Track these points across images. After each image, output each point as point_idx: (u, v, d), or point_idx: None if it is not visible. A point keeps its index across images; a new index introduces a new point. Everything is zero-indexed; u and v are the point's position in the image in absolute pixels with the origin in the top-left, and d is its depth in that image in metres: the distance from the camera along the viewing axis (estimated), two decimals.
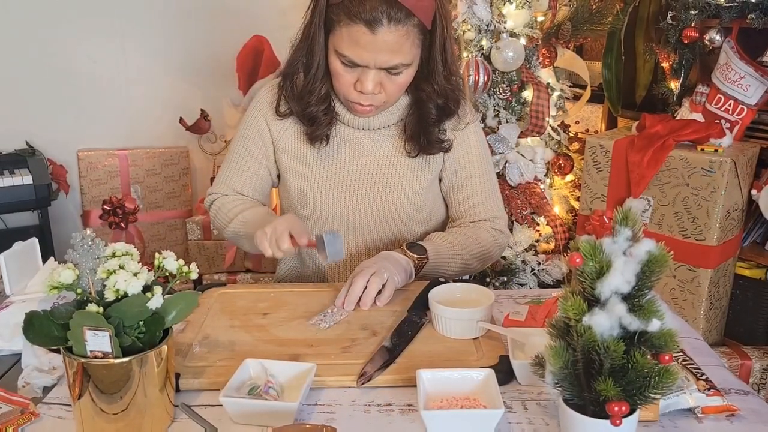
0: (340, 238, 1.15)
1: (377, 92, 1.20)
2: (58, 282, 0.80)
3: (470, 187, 1.37)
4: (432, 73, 1.24)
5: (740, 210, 2.12)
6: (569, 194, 2.66)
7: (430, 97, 1.26)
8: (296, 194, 1.35)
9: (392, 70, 1.17)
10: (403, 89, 1.24)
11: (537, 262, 2.49)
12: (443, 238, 1.32)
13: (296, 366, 0.93)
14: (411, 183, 1.33)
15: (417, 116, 1.29)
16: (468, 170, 1.36)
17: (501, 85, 2.42)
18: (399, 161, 1.33)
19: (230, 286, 1.31)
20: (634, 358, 0.72)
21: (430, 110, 1.27)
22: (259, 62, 2.97)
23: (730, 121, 2.21)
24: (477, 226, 1.36)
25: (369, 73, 1.17)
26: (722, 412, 0.88)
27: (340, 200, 1.33)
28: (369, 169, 1.33)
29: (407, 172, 1.33)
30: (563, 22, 2.46)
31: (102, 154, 2.97)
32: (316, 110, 1.27)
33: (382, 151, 1.33)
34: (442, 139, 1.31)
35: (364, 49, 1.13)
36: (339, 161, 1.33)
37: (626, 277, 0.72)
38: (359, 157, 1.33)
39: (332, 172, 1.33)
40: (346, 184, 1.33)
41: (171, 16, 2.99)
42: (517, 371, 0.95)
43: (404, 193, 1.33)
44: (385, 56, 1.14)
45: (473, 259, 1.33)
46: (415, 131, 1.30)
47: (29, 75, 2.87)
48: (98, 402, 0.81)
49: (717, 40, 2.24)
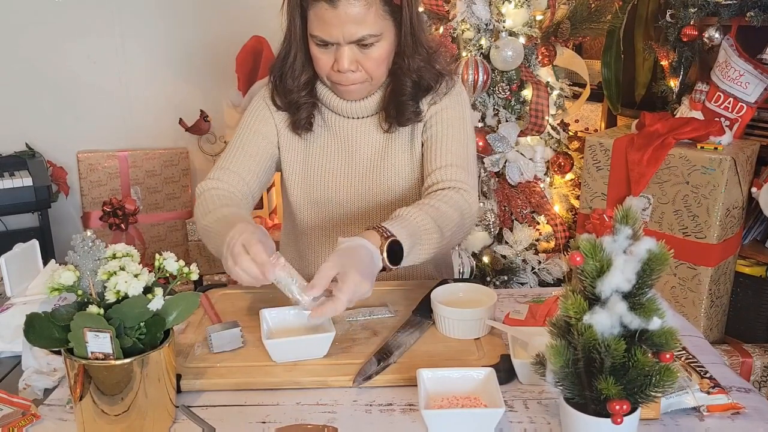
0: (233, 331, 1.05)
1: (354, 69, 1.22)
2: (58, 284, 0.80)
3: (437, 152, 1.30)
4: (404, 48, 1.26)
5: (740, 208, 2.11)
6: (569, 193, 2.66)
7: (404, 72, 1.28)
8: (294, 185, 1.37)
9: (362, 42, 1.19)
10: (382, 65, 1.25)
11: (537, 261, 2.49)
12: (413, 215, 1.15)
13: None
14: (403, 166, 1.34)
15: (390, 89, 1.31)
16: (437, 138, 1.31)
17: (500, 84, 2.42)
18: (391, 146, 1.34)
19: (231, 287, 1.31)
20: (635, 357, 0.72)
21: (404, 84, 1.28)
22: (258, 63, 2.97)
23: (730, 119, 2.21)
24: (439, 195, 1.23)
25: (342, 50, 1.19)
26: (727, 410, 0.88)
27: (337, 189, 1.35)
28: (363, 157, 1.34)
29: (399, 156, 1.34)
30: (562, 21, 2.46)
31: (102, 156, 2.97)
32: (298, 97, 1.30)
33: (371, 139, 1.35)
34: (416, 111, 1.31)
35: (331, 25, 1.16)
36: (333, 151, 1.35)
37: (627, 276, 0.72)
38: (353, 146, 1.35)
39: (327, 161, 1.35)
40: (341, 174, 1.35)
41: (171, 17, 2.99)
42: (518, 370, 0.95)
43: (398, 177, 1.34)
44: (351, 29, 1.17)
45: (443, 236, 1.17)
46: (387, 104, 1.31)
47: (29, 77, 2.87)
48: (99, 403, 0.81)
49: (716, 38, 2.24)
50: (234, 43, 2.94)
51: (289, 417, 0.89)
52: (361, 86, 1.26)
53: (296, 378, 0.96)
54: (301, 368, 0.98)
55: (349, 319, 1.13)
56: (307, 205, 1.37)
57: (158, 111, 3.07)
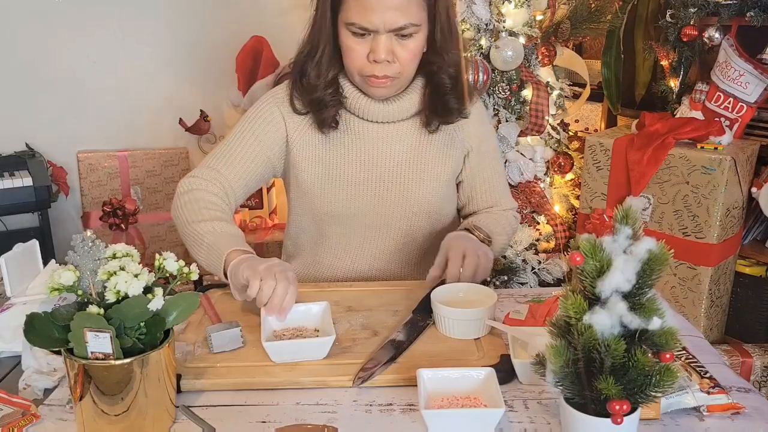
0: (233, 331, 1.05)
1: (390, 60, 1.20)
2: (58, 284, 0.80)
3: (491, 181, 1.43)
4: (442, 42, 1.25)
5: (740, 208, 2.11)
6: (569, 193, 2.66)
7: (442, 67, 1.27)
8: (314, 195, 1.33)
9: (402, 31, 1.18)
10: (415, 59, 1.24)
11: (537, 261, 2.48)
12: (487, 221, 1.37)
13: (312, 306, 1.09)
14: (432, 178, 1.34)
15: (431, 89, 1.30)
16: (489, 168, 1.43)
17: (500, 84, 2.42)
18: (420, 155, 1.33)
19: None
20: (635, 357, 0.72)
21: (443, 80, 1.28)
22: (258, 63, 2.97)
23: (730, 119, 2.21)
24: (504, 214, 1.43)
25: (380, 39, 1.18)
26: (727, 410, 0.88)
27: (361, 199, 1.32)
28: (389, 165, 1.32)
29: (428, 167, 1.34)
30: (562, 21, 2.46)
31: (102, 156, 2.97)
32: (323, 94, 1.27)
33: (402, 146, 1.33)
34: (460, 108, 1.32)
35: (373, 12, 1.15)
36: (359, 158, 1.32)
37: (627, 276, 0.72)
38: (379, 153, 1.32)
39: (352, 169, 1.32)
40: (366, 183, 1.32)
41: (171, 17, 2.99)
42: (518, 370, 0.95)
43: (425, 189, 1.33)
44: (394, 16, 1.16)
45: (506, 241, 1.43)
46: (432, 104, 1.30)
47: (28, 77, 2.86)
48: (99, 403, 0.81)
49: (716, 38, 2.24)
50: (234, 43, 2.94)
51: (289, 417, 0.89)
52: (391, 83, 1.24)
53: (296, 378, 0.96)
54: (301, 368, 0.98)
55: None
56: (326, 212, 1.34)
57: (158, 111, 3.07)
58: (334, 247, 1.38)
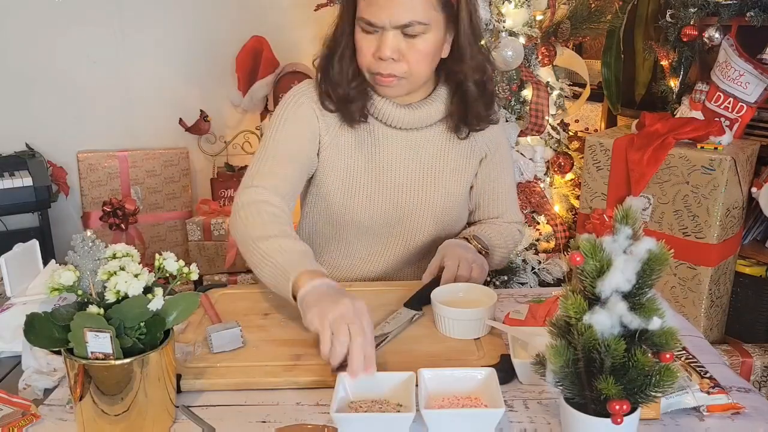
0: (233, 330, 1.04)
1: (396, 59, 1.19)
2: (58, 284, 0.80)
3: (500, 190, 1.44)
4: (464, 49, 1.25)
5: (740, 208, 2.11)
6: (569, 193, 2.66)
7: (467, 75, 1.27)
8: (334, 200, 1.32)
9: (408, 29, 1.17)
10: (425, 60, 1.21)
11: (537, 261, 2.48)
12: (489, 232, 1.38)
13: (396, 376, 0.90)
14: (453, 185, 1.35)
15: (459, 97, 1.30)
16: (501, 177, 1.43)
17: (500, 85, 2.42)
18: (443, 163, 1.34)
19: (231, 287, 1.31)
20: (635, 357, 0.72)
21: (470, 88, 1.28)
22: (258, 63, 2.97)
23: (730, 119, 2.21)
24: (507, 226, 1.44)
25: (386, 35, 1.17)
26: (727, 410, 0.88)
27: (380, 204, 1.33)
28: (412, 172, 1.33)
29: (450, 174, 1.35)
30: (562, 21, 2.46)
31: (102, 156, 2.97)
32: (347, 89, 1.26)
33: (426, 153, 1.33)
34: (488, 115, 1.32)
35: (378, 7, 1.15)
36: (381, 164, 1.32)
37: (627, 276, 0.72)
38: (402, 160, 1.32)
39: (374, 175, 1.32)
40: (387, 189, 1.32)
41: (171, 17, 2.99)
42: (519, 370, 0.95)
43: (446, 196, 1.35)
44: (398, 12, 1.15)
45: (506, 254, 1.43)
46: (461, 112, 1.30)
47: (29, 76, 2.87)
48: (99, 403, 0.81)
49: (716, 38, 2.24)
50: (234, 43, 2.94)
51: (289, 417, 0.89)
52: (398, 82, 1.22)
53: (296, 378, 0.96)
54: (301, 368, 0.98)
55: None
56: (345, 217, 1.33)
57: (158, 111, 3.07)
58: (348, 250, 1.38)
